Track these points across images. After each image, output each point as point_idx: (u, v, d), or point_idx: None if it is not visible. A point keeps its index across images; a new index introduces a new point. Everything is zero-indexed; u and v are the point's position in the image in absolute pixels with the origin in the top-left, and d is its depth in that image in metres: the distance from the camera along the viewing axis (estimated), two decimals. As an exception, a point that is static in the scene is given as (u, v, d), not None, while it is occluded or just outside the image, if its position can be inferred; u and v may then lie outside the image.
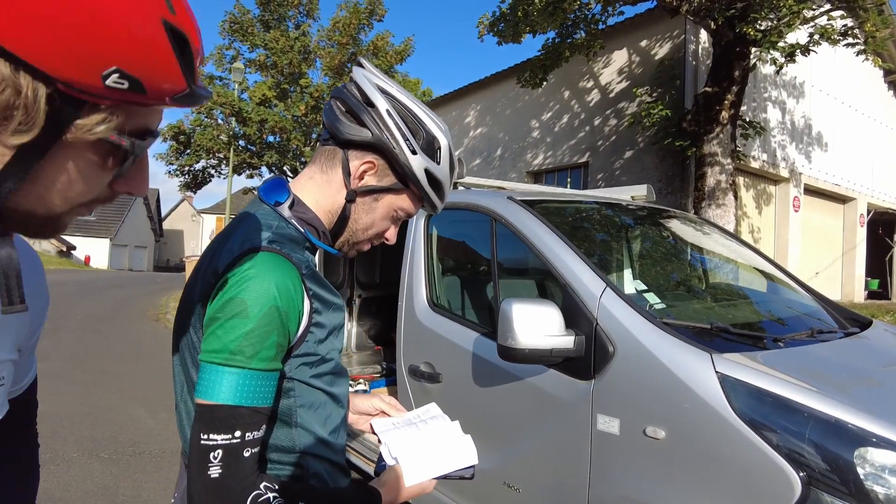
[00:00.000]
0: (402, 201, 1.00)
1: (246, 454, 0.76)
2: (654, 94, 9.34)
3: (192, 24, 0.54)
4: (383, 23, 22.02)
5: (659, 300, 2.29)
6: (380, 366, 4.63)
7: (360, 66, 0.99)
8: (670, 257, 3.12)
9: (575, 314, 1.92)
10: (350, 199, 0.97)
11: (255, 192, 0.99)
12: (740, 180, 9.95)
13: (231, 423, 0.75)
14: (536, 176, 12.17)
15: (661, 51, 9.64)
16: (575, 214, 2.80)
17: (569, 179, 11.50)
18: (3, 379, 0.67)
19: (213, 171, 19.90)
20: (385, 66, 19.88)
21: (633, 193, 3.54)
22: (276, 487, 0.79)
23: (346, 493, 0.90)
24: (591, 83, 10.95)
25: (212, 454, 0.74)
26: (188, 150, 19.02)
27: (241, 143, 18.49)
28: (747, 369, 1.58)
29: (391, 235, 1.04)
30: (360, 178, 0.97)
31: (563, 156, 11.44)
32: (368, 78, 0.96)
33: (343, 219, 0.98)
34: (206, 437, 0.75)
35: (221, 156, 18.76)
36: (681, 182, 9.06)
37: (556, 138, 11.60)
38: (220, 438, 0.74)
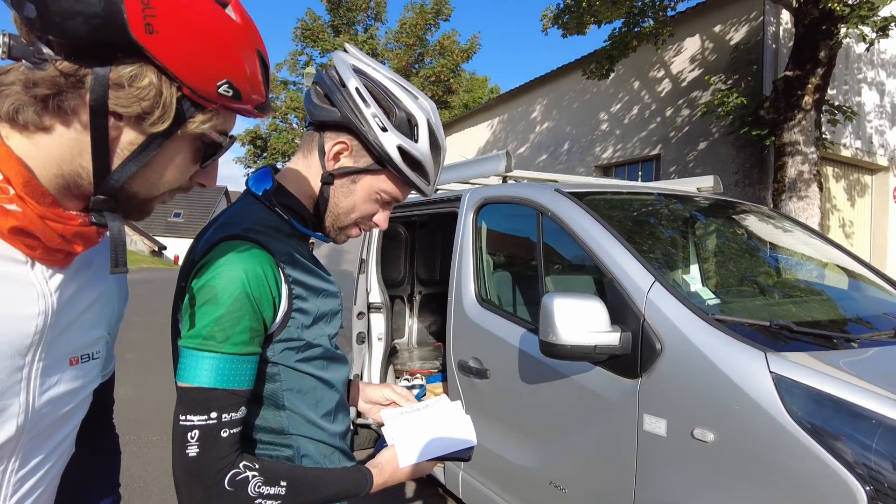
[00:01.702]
0: (383, 183, 0.98)
1: (224, 434, 0.78)
2: (730, 82, 8.81)
3: (267, 55, 0.74)
4: (449, 22, 22.11)
5: (713, 295, 2.15)
6: (438, 361, 4.67)
7: (345, 51, 0.99)
8: (734, 251, 2.92)
9: (621, 309, 1.84)
10: (326, 181, 0.96)
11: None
12: (828, 170, 9.20)
13: (206, 405, 0.78)
14: (606, 170, 11.80)
15: (737, 35, 9.07)
16: (630, 207, 2.69)
17: (640, 173, 11.08)
18: (98, 353, 0.77)
19: (288, 174, 20.82)
20: (451, 64, 19.98)
21: (699, 185, 3.36)
22: (257, 467, 0.81)
23: (334, 472, 0.91)
24: (661, 72, 10.48)
25: (189, 434, 0.77)
26: (265, 154, 19.98)
27: (314, 145, 19.21)
28: (806, 370, 1.45)
29: (380, 220, 1.02)
30: (335, 159, 0.96)
31: (633, 148, 11.03)
32: (345, 60, 0.96)
33: (323, 202, 0.98)
34: (183, 417, 0.78)
35: (296, 158, 19.56)
36: (759, 174, 8.49)
37: (626, 131, 11.19)
38: (196, 419, 0.78)
